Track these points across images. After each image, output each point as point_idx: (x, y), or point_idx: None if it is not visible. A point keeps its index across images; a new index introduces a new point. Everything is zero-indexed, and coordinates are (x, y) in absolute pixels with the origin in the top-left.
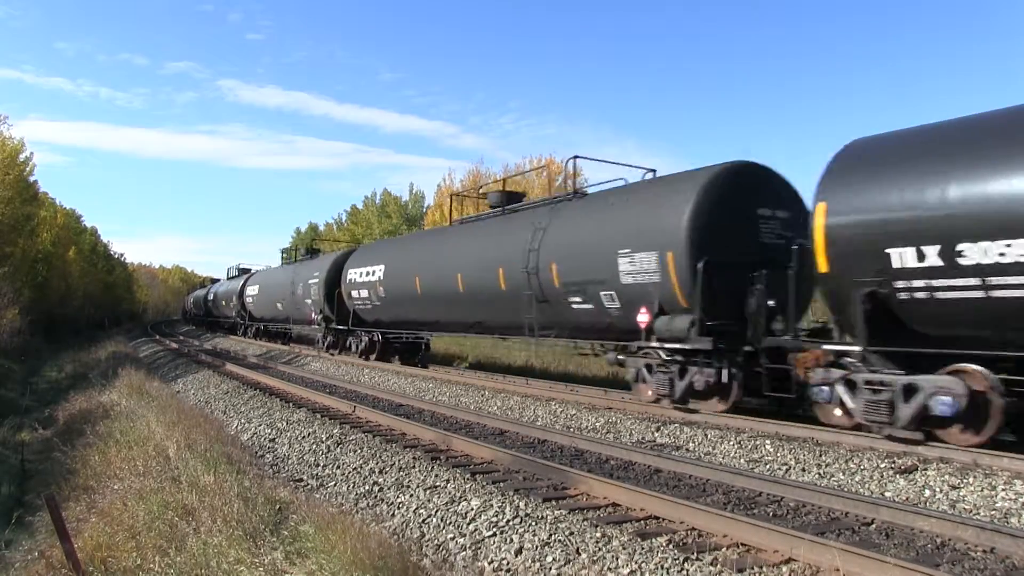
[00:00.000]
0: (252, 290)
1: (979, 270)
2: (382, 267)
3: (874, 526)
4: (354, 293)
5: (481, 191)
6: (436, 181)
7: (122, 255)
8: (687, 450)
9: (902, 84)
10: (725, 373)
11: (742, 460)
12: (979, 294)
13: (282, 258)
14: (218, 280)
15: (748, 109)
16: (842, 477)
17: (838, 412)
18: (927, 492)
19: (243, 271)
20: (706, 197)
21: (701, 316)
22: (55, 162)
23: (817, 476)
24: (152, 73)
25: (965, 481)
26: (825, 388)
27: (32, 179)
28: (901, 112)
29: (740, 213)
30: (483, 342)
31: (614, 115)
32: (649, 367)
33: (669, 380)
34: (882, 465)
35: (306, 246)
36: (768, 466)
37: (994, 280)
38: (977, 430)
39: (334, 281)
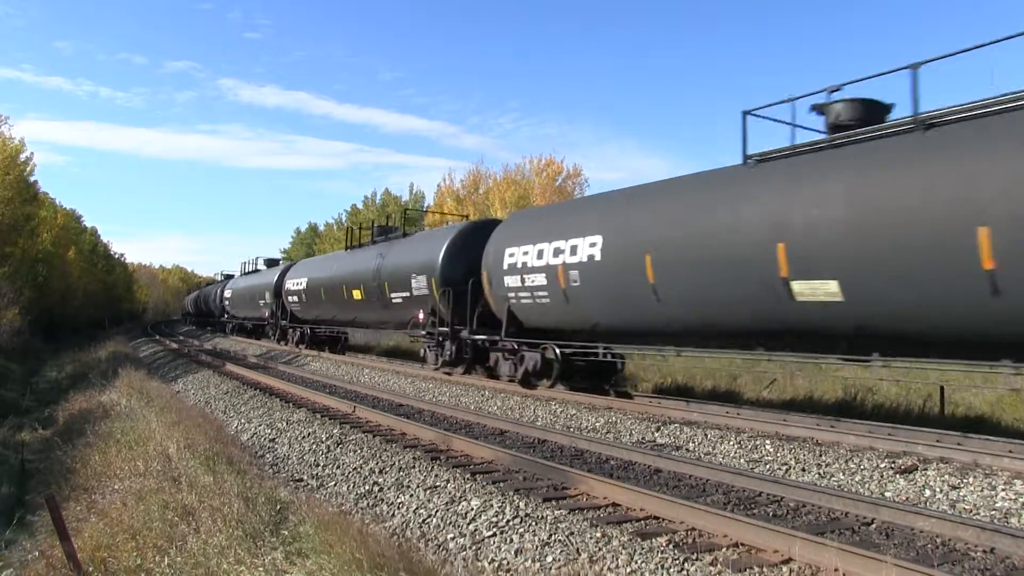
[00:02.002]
0: None
1: None
2: None
3: (874, 526)
4: None
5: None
6: (436, 181)
7: (122, 255)
8: (687, 450)
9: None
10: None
11: (742, 460)
12: None
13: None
14: (233, 274)
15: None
16: (842, 477)
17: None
18: (927, 492)
19: (387, 228)
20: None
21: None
22: (55, 162)
23: (817, 476)
24: (152, 72)
25: (965, 481)
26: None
27: (32, 179)
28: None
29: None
30: None
31: (614, 115)
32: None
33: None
34: (882, 465)
35: None
36: (768, 466)
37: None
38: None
39: None
